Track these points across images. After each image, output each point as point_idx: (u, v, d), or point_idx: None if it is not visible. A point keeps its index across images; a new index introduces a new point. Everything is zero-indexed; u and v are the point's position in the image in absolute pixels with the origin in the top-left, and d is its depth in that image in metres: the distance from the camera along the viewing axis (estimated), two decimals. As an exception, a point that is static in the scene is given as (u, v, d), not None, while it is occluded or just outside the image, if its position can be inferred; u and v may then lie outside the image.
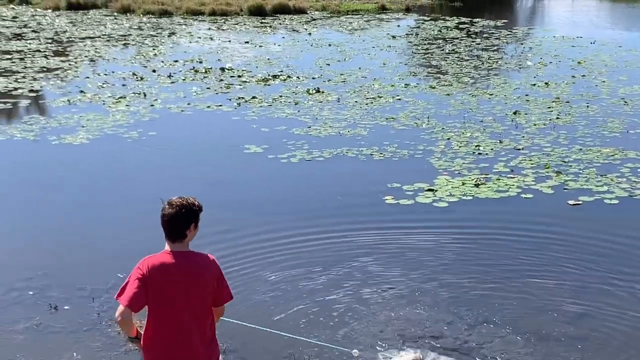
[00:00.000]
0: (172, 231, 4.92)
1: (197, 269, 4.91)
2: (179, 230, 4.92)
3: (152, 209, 11.19)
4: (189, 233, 4.96)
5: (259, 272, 9.35)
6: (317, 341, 7.69)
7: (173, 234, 4.92)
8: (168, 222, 4.91)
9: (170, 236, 4.94)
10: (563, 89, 19.28)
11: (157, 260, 4.93)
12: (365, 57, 23.76)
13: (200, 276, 4.90)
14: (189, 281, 4.88)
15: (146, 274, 4.89)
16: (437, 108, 17.28)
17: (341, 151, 14.09)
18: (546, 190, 12.10)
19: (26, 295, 8.89)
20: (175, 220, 4.89)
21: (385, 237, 10.47)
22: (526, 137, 14.95)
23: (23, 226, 11.00)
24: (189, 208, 4.93)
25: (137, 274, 4.91)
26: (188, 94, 18.74)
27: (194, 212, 4.95)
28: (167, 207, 4.94)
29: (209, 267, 4.97)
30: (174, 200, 4.95)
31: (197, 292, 4.91)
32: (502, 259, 9.84)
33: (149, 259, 4.97)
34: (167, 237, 4.96)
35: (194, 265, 4.91)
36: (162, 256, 4.95)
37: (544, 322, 8.23)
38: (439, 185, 12.26)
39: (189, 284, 4.87)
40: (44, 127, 15.84)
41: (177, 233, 4.92)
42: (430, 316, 8.34)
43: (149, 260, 4.95)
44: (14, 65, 22.39)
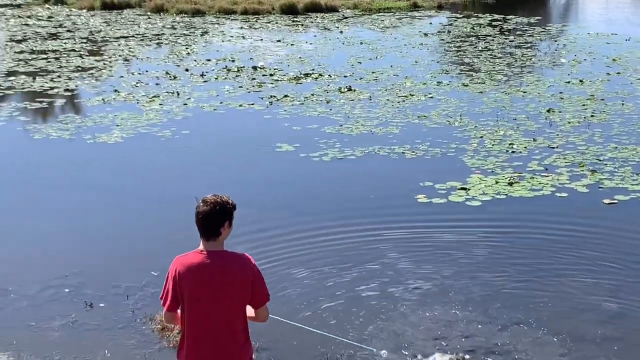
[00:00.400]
0: (206, 229, 4.89)
1: (230, 268, 4.87)
2: (213, 227, 4.88)
3: (186, 207, 11.30)
4: (223, 231, 4.91)
5: (291, 269, 9.38)
6: (348, 340, 7.69)
7: (207, 231, 4.89)
8: (202, 220, 4.88)
9: (205, 234, 4.91)
10: (598, 86, 19.07)
11: (188, 259, 4.91)
12: (397, 55, 23.69)
13: (234, 276, 4.85)
14: (221, 281, 4.83)
15: (177, 273, 4.90)
16: (470, 106, 17.19)
17: (373, 149, 14.07)
18: (581, 189, 11.99)
19: (62, 293, 9.01)
20: (210, 217, 4.86)
21: (417, 235, 10.45)
22: (560, 135, 14.82)
23: (58, 224, 11.14)
24: (223, 206, 4.90)
25: (170, 275, 4.94)
26: (220, 93, 18.83)
27: (228, 210, 4.92)
28: (201, 205, 4.91)
29: (244, 267, 4.90)
30: (209, 198, 4.93)
31: (230, 292, 4.85)
32: (536, 258, 9.78)
33: (180, 258, 4.97)
34: (201, 235, 4.93)
35: (228, 265, 4.87)
36: (193, 255, 4.93)
37: (580, 322, 8.16)
38: (472, 184, 12.19)
39: (221, 284, 4.83)
40: (79, 126, 16.00)
41: (211, 231, 4.88)
42: (462, 316, 8.31)
43: (180, 260, 4.95)
44: (50, 65, 22.64)
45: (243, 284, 4.88)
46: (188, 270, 4.87)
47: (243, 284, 4.88)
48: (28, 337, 8.05)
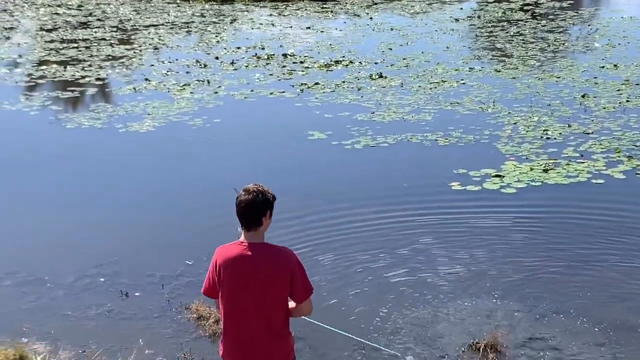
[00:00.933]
0: (247, 218, 4.79)
1: (270, 261, 4.78)
2: (255, 217, 4.79)
3: (220, 196, 11.35)
4: (264, 221, 4.83)
5: (323, 255, 9.34)
6: (372, 343, 7.56)
7: (249, 221, 4.80)
8: (244, 209, 4.78)
9: (246, 224, 4.81)
10: (633, 71, 18.78)
11: (228, 250, 4.84)
12: (427, 41, 23.49)
13: (273, 269, 4.76)
14: (261, 274, 4.75)
15: (215, 264, 4.85)
16: (503, 92, 17.00)
17: (405, 137, 13.96)
18: (618, 175, 11.81)
19: (97, 282, 9.04)
20: (252, 206, 4.77)
21: (452, 222, 10.37)
22: (595, 120, 14.61)
23: (93, 214, 11.18)
24: (265, 195, 4.82)
25: (211, 264, 4.90)
26: (251, 81, 18.79)
27: (269, 199, 4.84)
28: (243, 194, 4.82)
29: (285, 261, 4.80)
30: (250, 187, 4.85)
31: (268, 285, 4.77)
32: (574, 245, 9.65)
33: (221, 249, 4.91)
34: (243, 226, 4.83)
35: (268, 258, 4.78)
36: (234, 247, 4.84)
37: (620, 310, 8.04)
38: (507, 171, 12.06)
39: (260, 277, 4.75)
40: (110, 115, 16.05)
41: (253, 220, 4.79)
42: (499, 306, 8.22)
43: (220, 251, 4.89)
44: (80, 54, 22.72)
45: (283, 278, 4.78)
46: (227, 261, 4.81)
47: (283, 277, 4.78)
48: (64, 326, 8.09)
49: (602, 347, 7.40)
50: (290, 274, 4.80)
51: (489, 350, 7.34)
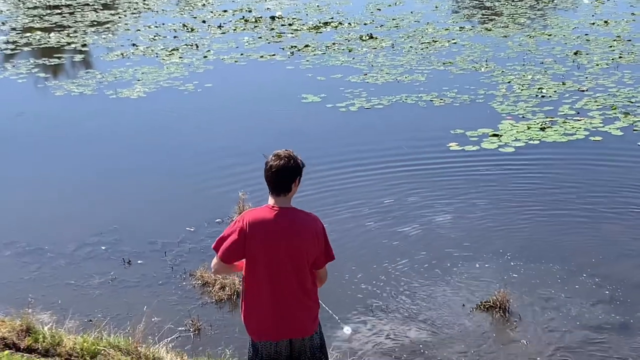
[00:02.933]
0: (278, 183, 4.72)
1: (303, 225, 4.75)
2: (286, 182, 4.72)
3: (218, 162, 11.27)
4: (293, 187, 4.78)
5: (330, 220, 9.27)
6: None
7: (279, 186, 4.72)
8: (276, 173, 4.70)
9: (276, 189, 4.74)
10: (623, 27, 18.72)
11: (259, 214, 4.77)
12: (416, 1, 23.30)
13: (306, 233, 4.74)
14: (296, 237, 4.71)
15: (246, 227, 4.73)
16: (495, 51, 16.90)
17: (400, 98, 13.87)
18: (615, 132, 11.79)
19: (99, 250, 8.95)
20: (284, 171, 4.70)
21: (453, 183, 10.33)
22: (589, 78, 14.57)
23: (91, 182, 11.05)
24: (296, 160, 4.76)
25: (238, 227, 4.75)
26: (240, 44, 18.59)
27: (299, 165, 4.78)
28: (273, 159, 4.74)
29: (315, 225, 4.78)
30: (281, 152, 4.76)
31: (304, 249, 4.74)
32: (578, 203, 9.65)
33: (251, 212, 4.84)
34: (272, 191, 4.76)
35: (301, 222, 4.76)
36: (264, 210, 4.78)
37: (627, 268, 8.05)
38: (504, 130, 12.01)
39: (296, 241, 4.71)
40: (100, 82, 15.84)
41: (284, 185, 4.73)
42: (507, 264, 8.22)
43: (251, 214, 4.80)
44: (65, 20, 22.39)
45: (315, 242, 4.77)
46: (262, 225, 4.72)
47: (315, 241, 4.77)
48: (69, 296, 8.01)
49: (610, 305, 7.41)
50: (316, 237, 4.77)
51: (498, 309, 7.35)
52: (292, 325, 4.80)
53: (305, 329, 4.84)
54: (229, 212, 9.42)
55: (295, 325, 4.81)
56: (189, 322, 7.38)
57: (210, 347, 7.00)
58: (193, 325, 7.34)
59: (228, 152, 11.67)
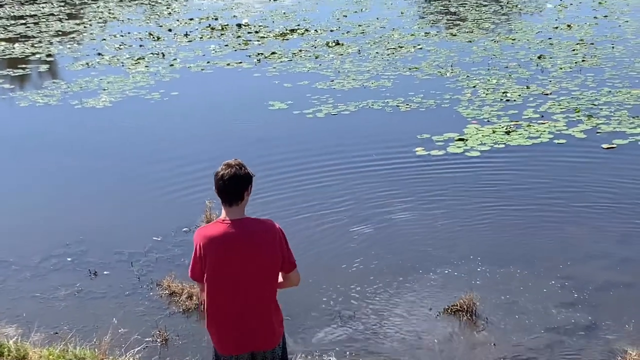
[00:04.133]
0: (230, 192, 4.66)
1: (257, 235, 4.69)
2: (237, 191, 4.67)
3: (183, 170, 11.23)
4: (245, 196, 4.72)
5: (296, 227, 9.28)
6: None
7: (231, 195, 4.67)
8: (227, 182, 4.64)
9: (228, 198, 4.68)
10: (586, 30, 18.94)
11: (210, 231, 4.71)
12: (382, 7, 23.41)
13: (260, 242, 4.67)
14: (249, 249, 4.65)
15: (199, 245, 4.69)
16: (460, 56, 17.02)
17: (367, 104, 13.92)
18: (579, 135, 11.92)
19: (65, 262, 8.88)
20: (235, 179, 4.64)
21: (419, 187, 10.37)
22: (553, 81, 14.72)
23: (56, 192, 10.98)
24: (246, 169, 4.72)
25: (195, 246, 4.73)
26: (207, 52, 18.55)
27: (250, 174, 4.74)
28: (224, 167, 4.69)
29: (271, 232, 4.72)
30: (231, 162, 4.72)
31: (259, 260, 4.68)
32: (543, 205, 9.71)
33: (202, 229, 4.77)
34: (224, 201, 4.70)
35: (254, 232, 4.69)
36: (216, 225, 4.72)
37: (592, 270, 8.12)
38: (469, 134, 12.10)
39: (249, 252, 4.66)
40: (65, 92, 15.73)
41: (236, 194, 4.67)
42: (473, 268, 8.27)
43: (202, 232, 4.74)
44: (29, 30, 22.22)
45: (272, 251, 4.71)
46: (212, 241, 4.66)
47: (272, 250, 4.71)
48: (34, 308, 7.93)
49: (576, 307, 7.46)
50: (278, 243, 4.73)
51: (464, 312, 7.39)
52: (253, 338, 4.77)
53: (267, 342, 4.81)
54: (196, 221, 9.38)
55: (256, 339, 4.78)
56: (156, 333, 7.34)
57: (178, 357, 6.98)
58: (160, 336, 7.30)
59: (194, 160, 11.63)
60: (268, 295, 4.77)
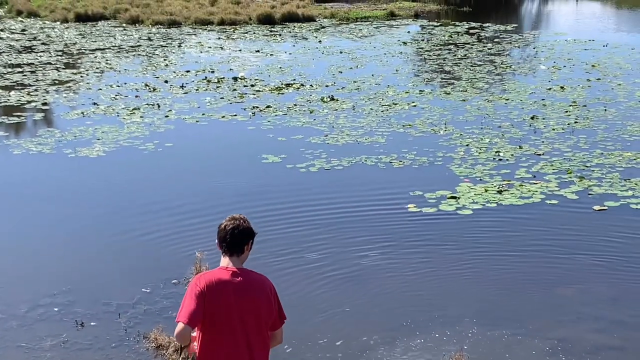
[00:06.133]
0: (232, 244, 4.88)
1: (257, 287, 4.88)
2: (239, 243, 4.89)
3: (174, 221, 11.20)
4: (246, 250, 4.94)
5: (287, 282, 9.23)
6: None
7: (233, 247, 4.88)
8: (230, 234, 4.87)
9: (230, 250, 4.89)
10: (579, 92, 19.13)
11: (213, 276, 4.87)
12: (377, 64, 23.64)
13: (260, 295, 4.86)
14: (244, 299, 4.82)
15: (203, 289, 4.80)
16: (454, 114, 17.15)
17: (360, 159, 13.96)
18: (570, 196, 11.96)
19: (51, 312, 8.79)
20: (238, 232, 4.88)
21: (411, 245, 10.36)
22: (546, 142, 14.81)
23: (44, 241, 10.92)
24: (249, 224, 4.96)
25: (195, 290, 4.80)
26: (202, 104, 18.65)
27: (252, 230, 4.98)
28: (228, 219, 4.95)
29: (268, 287, 4.92)
30: (236, 215, 4.99)
31: (252, 311, 4.84)
32: (529, 266, 9.72)
33: (205, 275, 4.93)
34: (225, 252, 4.91)
35: (255, 284, 4.88)
36: (218, 272, 4.89)
37: (575, 330, 8.10)
38: (462, 193, 12.13)
39: (244, 302, 4.81)
40: (59, 140, 15.74)
41: (237, 246, 4.89)
42: (463, 327, 8.21)
43: (206, 276, 4.89)
44: (26, 79, 22.32)
45: (269, 303, 4.90)
46: (214, 287, 4.81)
47: (269, 302, 4.90)
48: (20, 359, 7.84)
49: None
50: (273, 297, 4.92)
51: (454, 373, 7.33)
52: None
53: None
54: (185, 273, 9.33)
55: None
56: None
57: (162, 412, 6.87)
58: (145, 389, 7.21)
59: (186, 211, 11.62)
60: (263, 348, 4.89)
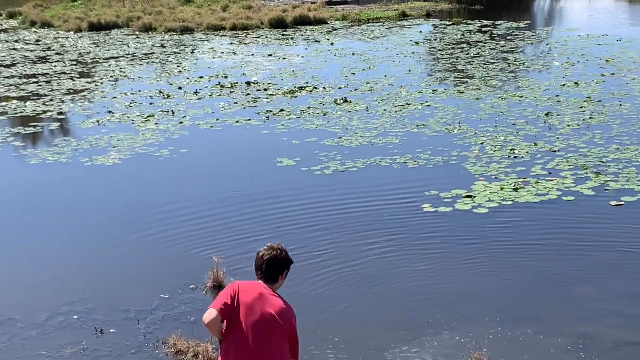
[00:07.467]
0: (267, 273, 5.14)
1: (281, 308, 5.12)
2: (275, 272, 5.16)
3: (193, 227, 11.24)
4: (281, 279, 5.21)
5: (306, 288, 9.24)
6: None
7: (268, 275, 5.15)
8: (266, 263, 5.13)
9: (265, 278, 5.17)
10: (593, 88, 19.04)
11: (249, 284, 5.17)
12: (390, 65, 23.62)
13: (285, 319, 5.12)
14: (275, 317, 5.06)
15: (237, 290, 5.12)
16: (468, 113, 17.11)
17: (374, 160, 13.96)
18: (587, 192, 11.91)
19: (71, 320, 8.85)
20: (275, 261, 5.15)
21: (427, 244, 10.36)
22: (561, 138, 14.75)
23: (63, 249, 10.98)
24: (287, 254, 5.23)
25: (230, 289, 5.15)
26: (216, 110, 18.71)
27: (289, 260, 5.25)
28: (266, 249, 5.20)
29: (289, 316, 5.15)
30: (274, 244, 5.25)
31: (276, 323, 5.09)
32: (547, 263, 9.68)
33: (242, 282, 5.25)
34: (260, 279, 5.21)
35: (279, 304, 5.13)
36: (255, 283, 5.19)
37: (593, 327, 8.06)
38: (477, 191, 12.10)
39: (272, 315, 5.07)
40: (75, 149, 15.84)
41: (273, 275, 5.16)
42: (481, 326, 8.19)
43: (242, 283, 5.21)
44: (41, 89, 22.47)
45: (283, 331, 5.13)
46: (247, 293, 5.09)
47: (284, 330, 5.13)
48: (40, 367, 7.89)
49: (585, 364, 7.41)
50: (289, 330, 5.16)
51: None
52: None
53: None
54: (203, 278, 9.37)
55: None
56: (162, 392, 7.28)
57: (183, 416, 6.90)
58: (165, 395, 7.25)
59: (201, 217, 11.66)
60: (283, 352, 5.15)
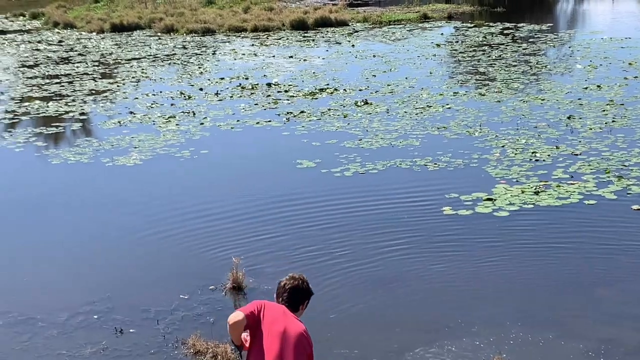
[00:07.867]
0: (290, 301, 5.23)
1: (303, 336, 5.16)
2: (296, 302, 5.25)
3: (213, 228, 11.27)
4: (301, 309, 5.29)
5: (319, 290, 9.23)
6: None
7: (291, 304, 5.23)
8: (288, 293, 5.23)
9: (287, 305, 5.25)
10: (616, 91, 18.89)
11: (275, 305, 5.25)
12: (411, 67, 23.57)
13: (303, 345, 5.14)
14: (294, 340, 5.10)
15: (264, 306, 5.21)
16: (489, 115, 17.04)
17: (394, 163, 13.93)
18: (609, 195, 11.82)
19: (91, 319, 8.90)
20: (296, 291, 5.25)
21: (447, 247, 10.31)
22: (583, 141, 14.65)
23: (84, 249, 11.04)
24: (308, 284, 5.31)
25: (258, 303, 5.24)
26: (236, 111, 18.75)
27: (310, 291, 5.32)
28: (288, 278, 5.30)
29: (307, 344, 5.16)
30: (295, 275, 5.34)
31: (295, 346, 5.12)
32: (568, 267, 9.62)
33: (268, 302, 5.30)
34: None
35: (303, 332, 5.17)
36: (280, 306, 5.27)
37: (615, 331, 7.99)
38: (498, 194, 12.04)
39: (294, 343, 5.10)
40: (96, 150, 15.93)
41: (294, 305, 5.24)
42: (501, 329, 8.15)
43: (268, 302, 5.27)
44: (63, 89, 22.63)
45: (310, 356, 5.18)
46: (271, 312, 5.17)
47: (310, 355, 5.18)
48: (60, 366, 7.94)
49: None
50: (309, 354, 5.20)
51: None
52: None
53: None
54: (222, 279, 9.39)
55: None
56: (180, 392, 7.30)
57: (201, 417, 6.91)
58: (184, 395, 7.26)
59: (221, 218, 11.69)
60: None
